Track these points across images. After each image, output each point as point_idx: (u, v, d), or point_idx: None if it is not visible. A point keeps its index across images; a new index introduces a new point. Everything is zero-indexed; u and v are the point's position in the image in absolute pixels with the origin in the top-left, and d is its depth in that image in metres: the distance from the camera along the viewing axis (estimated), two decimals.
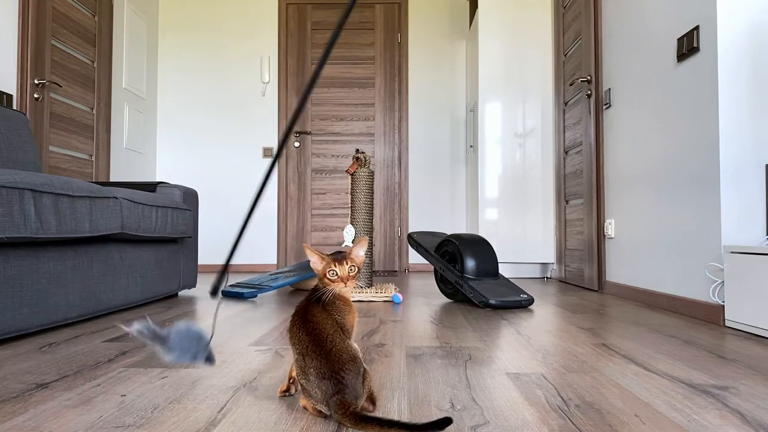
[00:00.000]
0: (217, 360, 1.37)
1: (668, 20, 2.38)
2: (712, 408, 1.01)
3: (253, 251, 4.69)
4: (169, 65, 4.74)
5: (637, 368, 1.31)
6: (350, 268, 1.02)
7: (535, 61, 4.04)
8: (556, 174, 3.91)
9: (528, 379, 1.21)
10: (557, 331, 1.81)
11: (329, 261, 1.02)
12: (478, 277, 2.53)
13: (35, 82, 3.05)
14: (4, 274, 1.56)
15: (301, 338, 0.95)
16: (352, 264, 1.03)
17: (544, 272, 4.08)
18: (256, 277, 3.05)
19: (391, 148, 4.74)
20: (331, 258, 1.02)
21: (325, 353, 0.92)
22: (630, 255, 2.76)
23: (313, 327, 0.95)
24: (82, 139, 3.53)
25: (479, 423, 0.93)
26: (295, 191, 4.73)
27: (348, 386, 0.90)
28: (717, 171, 2.01)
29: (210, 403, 1.03)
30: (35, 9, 3.05)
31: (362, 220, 2.79)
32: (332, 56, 4.76)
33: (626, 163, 2.80)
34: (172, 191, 2.70)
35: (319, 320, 0.97)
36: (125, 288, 2.20)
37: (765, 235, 1.97)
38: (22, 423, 0.92)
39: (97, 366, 1.31)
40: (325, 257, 1.03)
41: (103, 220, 1.94)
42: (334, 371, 0.90)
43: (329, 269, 1.01)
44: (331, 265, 1.01)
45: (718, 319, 1.98)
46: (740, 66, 2.00)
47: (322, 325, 0.96)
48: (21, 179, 1.56)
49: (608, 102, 3.03)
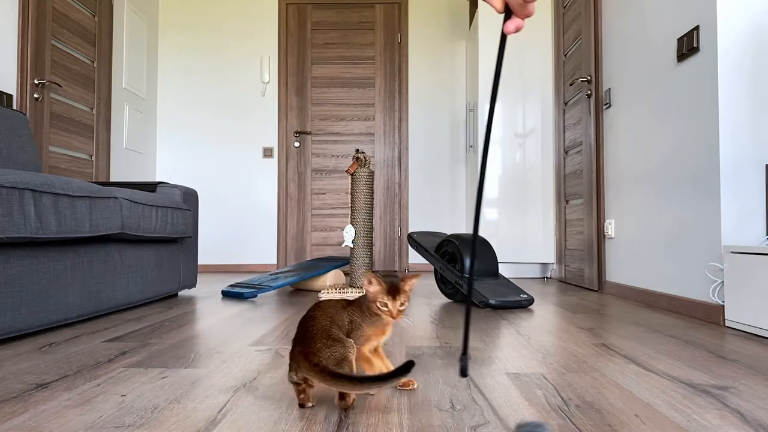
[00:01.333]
0: (217, 360, 1.38)
1: (668, 20, 2.38)
2: (712, 408, 1.01)
3: (253, 251, 4.69)
4: (169, 65, 4.74)
5: (637, 368, 1.31)
6: (402, 303, 1.01)
7: (535, 61, 4.04)
8: (556, 174, 3.91)
9: (528, 379, 1.21)
10: (557, 331, 1.81)
11: (384, 292, 1.00)
12: (478, 277, 2.53)
13: (35, 82, 3.05)
14: (4, 274, 1.56)
15: (300, 323, 1.01)
16: (406, 299, 1.02)
17: (544, 272, 4.08)
18: (256, 277, 3.05)
19: (391, 148, 4.74)
20: (386, 287, 1.01)
21: (305, 327, 0.98)
22: (630, 255, 2.76)
23: (314, 315, 1.00)
24: (82, 139, 3.53)
25: (479, 423, 0.93)
26: (295, 191, 4.73)
27: (316, 349, 0.94)
28: (717, 171, 2.01)
29: (210, 403, 1.03)
30: (35, 9, 3.05)
31: (362, 220, 2.79)
32: (332, 56, 4.76)
33: (626, 163, 2.80)
34: (172, 191, 2.70)
35: (324, 312, 1.00)
36: (125, 288, 2.20)
37: (765, 235, 1.97)
38: (22, 423, 0.92)
39: (97, 366, 1.31)
40: (382, 284, 1.01)
41: (103, 220, 1.94)
42: (306, 338, 0.95)
43: (380, 300, 1.00)
44: (384, 297, 1.00)
45: (718, 319, 1.98)
46: (740, 66, 2.00)
47: (324, 315, 1.00)
48: (21, 179, 1.56)
49: (608, 102, 3.03)
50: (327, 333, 0.96)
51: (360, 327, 1.01)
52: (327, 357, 0.93)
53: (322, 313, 1.01)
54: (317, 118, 4.74)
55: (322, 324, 0.98)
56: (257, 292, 2.66)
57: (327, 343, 0.95)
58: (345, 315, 1.02)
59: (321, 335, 0.96)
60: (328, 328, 0.97)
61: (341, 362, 0.94)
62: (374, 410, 0.99)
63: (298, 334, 0.99)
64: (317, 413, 0.97)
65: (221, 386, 1.14)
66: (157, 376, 1.22)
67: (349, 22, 4.76)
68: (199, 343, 1.59)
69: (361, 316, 1.01)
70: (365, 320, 1.01)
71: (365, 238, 2.76)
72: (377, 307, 1.00)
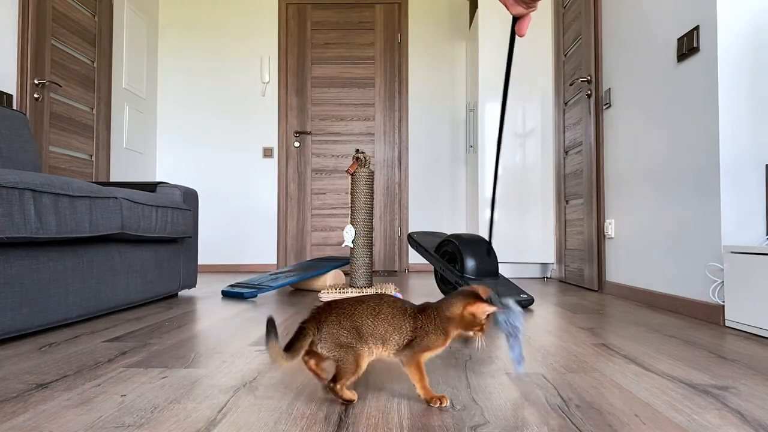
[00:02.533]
0: (217, 360, 1.38)
1: (668, 20, 2.38)
2: (712, 408, 1.01)
3: (253, 251, 4.69)
4: (169, 65, 4.74)
5: (637, 368, 1.31)
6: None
7: (535, 61, 4.04)
8: (556, 174, 3.91)
9: (528, 379, 1.21)
10: (557, 331, 1.81)
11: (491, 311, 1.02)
12: (478, 277, 2.53)
13: (35, 82, 3.05)
14: (4, 274, 1.56)
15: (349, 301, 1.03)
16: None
17: (544, 272, 4.08)
18: (256, 277, 3.05)
19: (391, 148, 4.74)
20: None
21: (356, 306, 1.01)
22: (630, 255, 2.76)
23: (381, 308, 1.01)
24: (82, 139, 3.53)
25: (479, 423, 0.93)
26: (295, 191, 4.73)
27: (321, 327, 0.98)
28: (717, 171, 2.01)
29: (210, 403, 1.03)
30: (35, 9, 3.05)
31: (362, 220, 2.79)
32: (332, 56, 4.76)
33: (626, 163, 2.80)
34: (172, 191, 2.70)
35: (392, 308, 1.02)
36: (125, 288, 2.20)
37: (765, 235, 1.97)
38: (22, 423, 0.92)
39: (97, 366, 1.31)
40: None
41: (103, 220, 1.94)
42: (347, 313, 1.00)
43: (483, 320, 1.02)
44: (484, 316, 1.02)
45: (718, 319, 1.98)
46: (740, 66, 2.00)
47: (389, 311, 1.01)
48: (21, 179, 1.56)
49: (608, 102, 3.03)
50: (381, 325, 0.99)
51: (427, 336, 1.00)
52: (334, 335, 0.97)
53: (389, 308, 1.01)
54: (317, 118, 4.74)
55: (384, 314, 0.99)
56: (257, 292, 2.66)
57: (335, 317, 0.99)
58: (410, 321, 1.00)
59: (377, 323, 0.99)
60: (389, 319, 0.99)
61: (344, 349, 0.96)
62: (374, 410, 0.99)
63: (339, 304, 1.01)
64: (317, 413, 0.97)
65: (221, 386, 1.14)
66: (157, 376, 1.22)
67: (349, 22, 4.76)
68: (199, 343, 1.59)
69: (433, 326, 1.00)
70: (436, 331, 1.00)
71: (365, 238, 2.76)
72: (478, 323, 1.00)
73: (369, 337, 0.98)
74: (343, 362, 0.96)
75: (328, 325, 0.98)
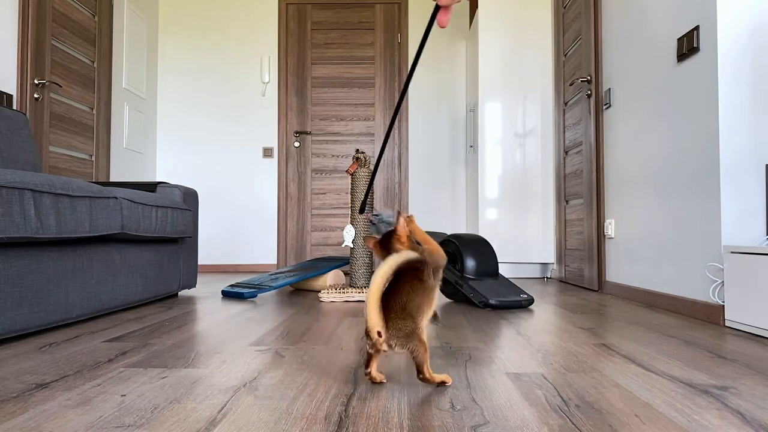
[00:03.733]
0: (217, 360, 1.38)
1: (668, 20, 2.38)
2: (712, 408, 1.01)
3: (253, 251, 4.69)
4: (169, 65, 4.74)
5: (637, 368, 1.31)
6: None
7: (535, 61, 4.04)
8: (556, 174, 3.91)
9: (528, 379, 1.21)
10: (557, 331, 1.81)
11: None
12: (478, 277, 2.53)
13: (35, 82, 3.05)
14: (4, 274, 1.56)
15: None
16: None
17: (544, 272, 4.08)
18: (256, 277, 3.05)
19: (391, 148, 4.74)
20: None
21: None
22: (630, 255, 2.76)
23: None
24: (82, 139, 3.53)
25: (479, 423, 0.93)
26: (295, 191, 4.73)
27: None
28: (717, 171, 2.01)
29: (210, 403, 1.03)
30: (35, 9, 3.05)
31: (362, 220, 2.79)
32: (332, 56, 4.76)
33: (626, 163, 2.80)
34: (172, 191, 2.70)
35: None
36: (125, 288, 2.20)
37: (765, 235, 1.97)
38: (22, 423, 0.92)
39: (97, 366, 1.31)
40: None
41: (103, 220, 1.94)
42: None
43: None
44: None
45: (718, 319, 1.98)
46: (740, 66, 2.00)
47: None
48: (21, 179, 1.56)
49: (608, 102, 3.03)
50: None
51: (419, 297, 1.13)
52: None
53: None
54: (317, 118, 4.73)
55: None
56: (257, 292, 2.66)
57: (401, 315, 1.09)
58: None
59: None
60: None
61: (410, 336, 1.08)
62: (374, 410, 0.99)
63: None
64: (317, 413, 0.97)
65: (221, 386, 1.14)
66: (157, 376, 1.22)
67: (349, 22, 4.76)
68: (199, 343, 1.59)
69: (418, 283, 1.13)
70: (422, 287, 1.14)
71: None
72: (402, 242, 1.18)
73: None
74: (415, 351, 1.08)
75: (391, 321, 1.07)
